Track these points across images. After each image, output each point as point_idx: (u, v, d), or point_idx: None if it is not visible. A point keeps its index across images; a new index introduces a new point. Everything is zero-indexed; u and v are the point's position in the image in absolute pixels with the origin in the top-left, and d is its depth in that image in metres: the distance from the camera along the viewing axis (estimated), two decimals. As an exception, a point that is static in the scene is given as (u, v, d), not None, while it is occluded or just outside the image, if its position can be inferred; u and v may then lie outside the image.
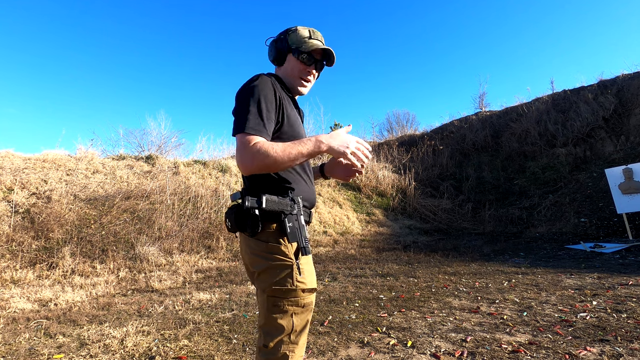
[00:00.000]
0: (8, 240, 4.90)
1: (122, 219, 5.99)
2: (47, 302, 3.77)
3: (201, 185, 7.74)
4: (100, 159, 7.83)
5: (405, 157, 12.40)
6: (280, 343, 1.08)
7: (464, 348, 2.27)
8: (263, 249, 1.11)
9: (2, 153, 6.69)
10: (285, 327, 1.08)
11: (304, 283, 1.10)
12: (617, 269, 4.38)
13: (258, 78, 1.13)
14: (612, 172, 6.69)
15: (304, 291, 1.10)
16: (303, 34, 1.24)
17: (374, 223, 8.92)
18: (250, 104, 1.06)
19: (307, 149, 1.04)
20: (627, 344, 2.18)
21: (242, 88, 1.12)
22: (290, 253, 1.10)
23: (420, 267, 5.28)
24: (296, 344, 1.10)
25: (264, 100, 1.08)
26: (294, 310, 1.09)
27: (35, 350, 2.51)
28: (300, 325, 1.11)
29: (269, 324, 1.09)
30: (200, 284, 4.56)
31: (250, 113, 1.05)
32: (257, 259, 1.12)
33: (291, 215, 1.10)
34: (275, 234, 1.11)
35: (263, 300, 1.11)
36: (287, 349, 1.08)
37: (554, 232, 7.42)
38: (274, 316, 1.08)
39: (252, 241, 1.13)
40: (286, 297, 1.08)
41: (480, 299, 3.42)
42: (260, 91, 1.09)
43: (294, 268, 1.09)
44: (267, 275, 1.09)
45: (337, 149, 1.07)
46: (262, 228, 1.10)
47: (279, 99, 1.14)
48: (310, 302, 1.12)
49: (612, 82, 11.18)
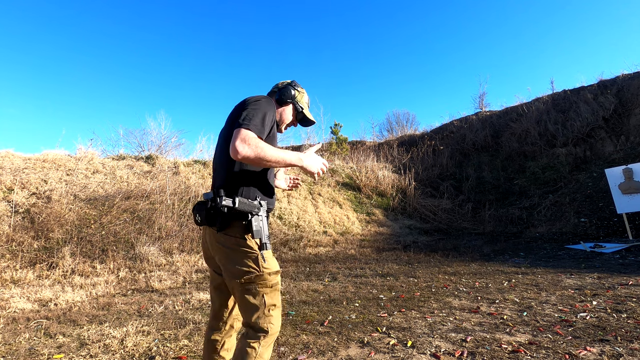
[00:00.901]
0: (8, 240, 4.90)
1: (122, 219, 5.99)
2: (47, 302, 3.77)
3: (201, 185, 7.74)
4: (100, 159, 7.83)
5: (405, 157, 12.40)
6: (258, 318, 1.29)
7: (464, 348, 2.27)
8: (233, 243, 1.31)
9: (2, 153, 6.69)
10: (259, 306, 1.30)
11: (269, 267, 1.32)
12: (617, 269, 4.38)
13: (267, 98, 1.42)
14: (612, 172, 6.69)
15: (270, 274, 1.32)
16: (306, 100, 1.66)
17: (374, 223, 8.92)
18: (257, 111, 1.31)
19: (290, 158, 1.30)
20: (627, 344, 2.18)
21: (255, 98, 1.38)
22: (255, 246, 1.32)
23: (420, 267, 5.28)
24: (271, 316, 1.31)
25: (267, 115, 1.34)
26: (264, 291, 1.31)
27: (35, 350, 2.51)
28: (271, 303, 1.32)
29: (245, 305, 1.31)
30: (200, 284, 4.56)
31: (256, 117, 1.29)
32: (226, 251, 1.32)
33: (257, 217, 1.32)
34: (241, 230, 1.32)
35: (237, 286, 1.31)
36: (264, 321, 1.30)
37: (554, 232, 7.42)
38: (248, 297, 1.30)
39: (220, 235, 1.33)
40: (256, 281, 1.30)
41: (480, 299, 3.42)
42: (267, 107, 1.36)
43: (259, 257, 1.30)
44: (238, 265, 1.30)
45: (310, 168, 1.38)
46: (230, 225, 1.31)
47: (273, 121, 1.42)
48: (277, 282, 1.35)
49: (612, 82, 11.18)
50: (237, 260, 1.30)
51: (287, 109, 1.60)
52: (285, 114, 1.60)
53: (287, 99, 1.57)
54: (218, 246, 1.34)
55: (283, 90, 1.59)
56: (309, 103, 1.69)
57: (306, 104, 1.65)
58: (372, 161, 11.87)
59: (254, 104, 1.34)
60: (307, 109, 1.66)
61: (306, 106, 1.65)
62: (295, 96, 1.59)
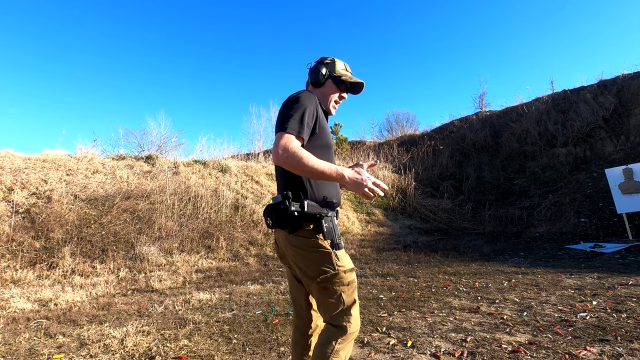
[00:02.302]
0: (8, 240, 4.89)
1: (122, 219, 5.98)
2: (47, 302, 3.77)
3: (201, 185, 7.74)
4: (100, 159, 7.83)
5: (405, 157, 12.41)
6: (337, 316, 1.29)
7: (464, 348, 2.26)
8: (305, 244, 1.30)
9: (2, 153, 6.69)
10: (337, 304, 1.29)
11: (343, 265, 1.30)
12: (617, 269, 4.38)
13: (304, 92, 1.35)
14: (612, 172, 6.69)
15: (345, 272, 1.30)
16: (340, 67, 1.50)
17: (374, 223, 8.92)
18: (295, 110, 1.26)
19: (331, 172, 1.19)
20: (627, 344, 2.18)
21: (290, 97, 1.33)
22: (327, 245, 1.30)
23: (420, 267, 5.28)
24: (350, 315, 1.30)
25: (306, 110, 1.28)
26: (342, 290, 1.29)
27: (35, 350, 2.51)
28: (349, 301, 1.31)
29: (325, 304, 1.31)
30: (200, 284, 4.56)
31: (294, 117, 1.24)
32: (300, 252, 1.32)
33: (327, 217, 1.31)
34: (313, 231, 1.30)
35: (315, 287, 1.31)
36: (344, 320, 1.29)
37: (554, 232, 7.42)
38: (327, 298, 1.29)
39: (292, 237, 1.31)
40: (332, 280, 1.28)
41: (480, 299, 3.42)
42: (304, 102, 1.30)
43: (332, 256, 1.29)
44: (313, 265, 1.30)
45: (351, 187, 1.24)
46: (301, 227, 1.29)
47: (318, 112, 1.36)
48: (353, 279, 1.33)
49: (612, 82, 11.18)
50: (312, 260, 1.30)
51: (326, 87, 1.50)
52: (327, 94, 1.50)
53: (321, 79, 1.47)
54: (292, 248, 1.33)
55: (312, 72, 1.49)
56: (347, 67, 1.54)
57: (343, 70, 1.51)
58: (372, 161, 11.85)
59: (292, 103, 1.29)
60: (347, 74, 1.51)
61: (345, 72, 1.51)
62: (327, 72, 1.47)
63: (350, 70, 1.55)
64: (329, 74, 1.48)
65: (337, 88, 1.50)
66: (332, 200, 1.35)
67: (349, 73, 1.52)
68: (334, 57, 1.52)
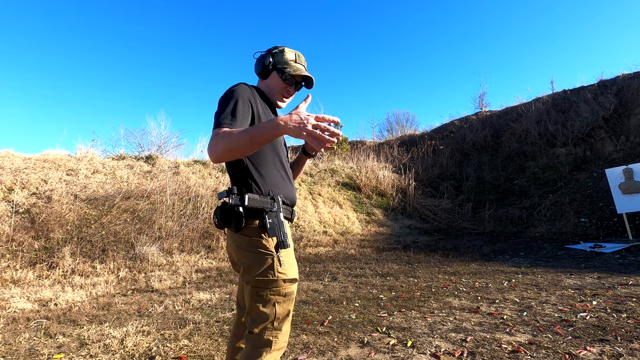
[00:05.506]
0: (8, 240, 4.90)
1: (122, 219, 5.98)
2: (47, 302, 3.77)
3: (201, 185, 7.74)
4: (101, 159, 7.83)
5: (405, 157, 12.41)
6: (264, 329, 1.17)
7: (464, 348, 2.26)
8: (247, 243, 1.20)
9: (2, 153, 6.70)
10: (268, 315, 1.17)
11: (285, 274, 1.19)
12: (617, 269, 4.38)
13: (237, 85, 1.25)
14: (612, 172, 6.69)
15: (284, 281, 1.19)
16: (289, 57, 1.36)
17: (374, 223, 8.92)
18: (226, 104, 1.16)
19: (264, 128, 1.01)
20: (627, 344, 2.18)
21: (223, 94, 1.22)
22: (271, 247, 1.19)
23: (420, 267, 5.28)
24: (279, 330, 1.19)
25: (238, 102, 1.17)
26: (277, 299, 1.18)
27: (35, 350, 2.51)
28: (282, 314, 1.20)
29: (254, 312, 1.18)
30: (200, 284, 4.56)
31: (225, 111, 1.14)
32: (242, 252, 1.22)
33: (271, 212, 1.20)
34: (258, 229, 1.20)
35: (248, 291, 1.20)
36: (271, 334, 1.17)
37: (554, 232, 7.42)
38: (257, 305, 1.17)
39: (236, 236, 1.23)
40: (268, 287, 1.17)
41: (480, 299, 3.42)
42: (237, 94, 1.20)
43: (274, 260, 1.17)
44: (251, 268, 1.19)
45: (295, 132, 0.97)
46: (246, 224, 1.19)
47: (253, 102, 1.24)
48: (291, 291, 1.22)
49: (612, 82, 11.18)
50: (251, 262, 1.19)
51: (270, 79, 1.37)
52: (271, 85, 1.37)
53: (264, 70, 1.35)
54: (236, 248, 1.24)
55: (257, 62, 1.38)
56: (298, 59, 1.38)
57: (292, 62, 1.35)
58: (372, 161, 11.86)
59: (223, 98, 1.20)
60: (294, 66, 1.35)
61: (293, 64, 1.35)
62: (271, 62, 1.34)
63: (304, 61, 1.40)
64: (273, 64, 1.34)
65: (281, 81, 1.35)
66: (278, 195, 1.25)
67: (299, 65, 1.36)
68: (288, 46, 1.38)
